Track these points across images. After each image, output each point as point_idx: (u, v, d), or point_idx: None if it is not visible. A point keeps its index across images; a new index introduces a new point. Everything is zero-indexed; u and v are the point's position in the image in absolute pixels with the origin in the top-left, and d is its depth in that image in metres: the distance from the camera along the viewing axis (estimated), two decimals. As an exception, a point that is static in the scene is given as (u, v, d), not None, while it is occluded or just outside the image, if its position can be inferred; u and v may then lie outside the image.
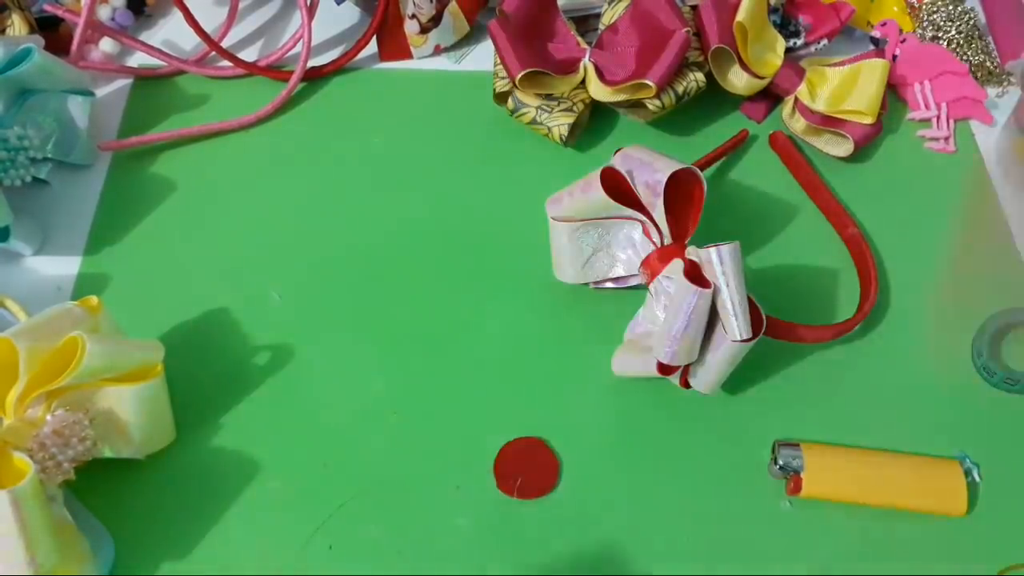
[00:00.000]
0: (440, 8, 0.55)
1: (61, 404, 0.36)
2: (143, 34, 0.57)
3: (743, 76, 0.52)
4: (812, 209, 0.51)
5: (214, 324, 0.45)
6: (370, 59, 0.57)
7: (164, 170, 0.51)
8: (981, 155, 0.55)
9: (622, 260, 0.45)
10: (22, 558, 0.32)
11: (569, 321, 0.46)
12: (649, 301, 0.42)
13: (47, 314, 0.37)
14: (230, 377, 0.43)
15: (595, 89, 0.50)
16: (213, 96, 0.55)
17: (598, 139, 0.54)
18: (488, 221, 0.50)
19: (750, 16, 0.50)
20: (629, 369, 0.42)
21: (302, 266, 0.47)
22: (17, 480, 0.32)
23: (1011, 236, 0.51)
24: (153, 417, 0.39)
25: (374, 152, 0.53)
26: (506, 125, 0.53)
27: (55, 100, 0.49)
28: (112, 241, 0.48)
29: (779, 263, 0.49)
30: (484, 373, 0.44)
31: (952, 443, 0.43)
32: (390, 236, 0.49)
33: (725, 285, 0.38)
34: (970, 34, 0.59)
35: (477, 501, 0.40)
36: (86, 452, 0.36)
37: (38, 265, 0.47)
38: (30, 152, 0.46)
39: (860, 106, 0.50)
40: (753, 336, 0.38)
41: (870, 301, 0.46)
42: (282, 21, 0.59)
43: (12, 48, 0.46)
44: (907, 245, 0.50)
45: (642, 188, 0.41)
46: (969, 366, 0.46)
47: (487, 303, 0.47)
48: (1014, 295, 0.48)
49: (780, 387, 0.45)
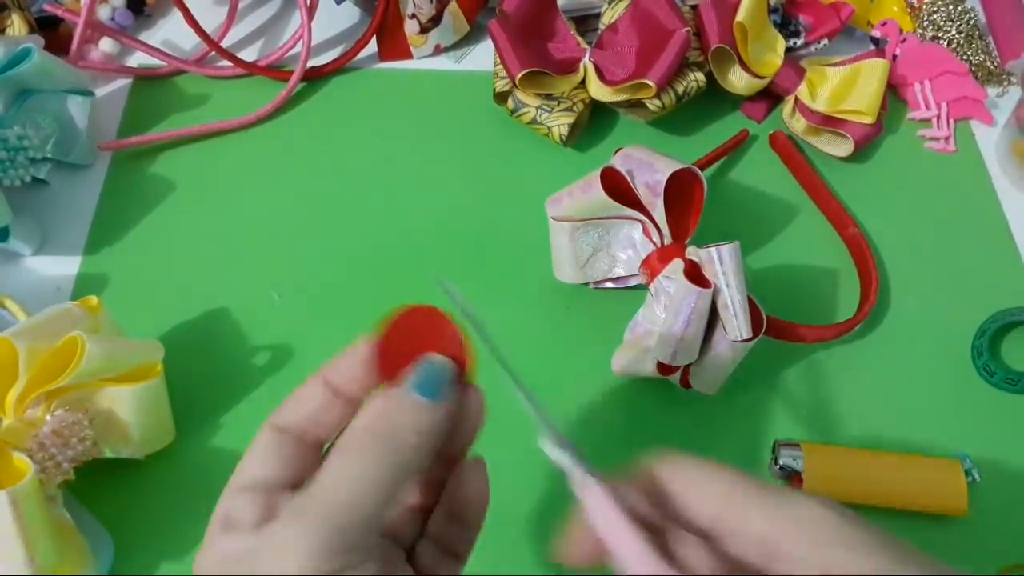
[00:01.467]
0: (440, 8, 0.55)
1: (61, 404, 0.36)
2: (143, 34, 0.57)
3: (743, 76, 0.52)
4: (812, 209, 0.51)
5: (214, 324, 0.45)
6: (370, 59, 0.57)
7: (164, 170, 0.51)
8: (981, 155, 0.55)
9: (622, 260, 0.45)
10: (21, 558, 0.32)
11: (569, 321, 0.46)
12: (649, 301, 0.42)
13: (47, 314, 0.37)
14: (230, 377, 0.43)
15: (595, 89, 0.50)
16: (213, 96, 0.55)
17: (598, 139, 0.54)
18: (488, 221, 0.50)
19: (750, 16, 0.50)
20: (629, 369, 0.42)
21: (302, 266, 0.47)
22: (17, 480, 0.32)
23: (1011, 236, 0.51)
24: (153, 417, 0.39)
25: (374, 152, 0.53)
26: (506, 125, 0.53)
27: (55, 100, 0.49)
28: (112, 241, 0.48)
29: (779, 263, 0.49)
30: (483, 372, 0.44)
31: (952, 443, 0.43)
32: (390, 236, 0.49)
33: (725, 285, 0.38)
34: (970, 34, 0.59)
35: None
36: (86, 452, 0.36)
37: (38, 265, 0.47)
38: (30, 152, 0.46)
39: (860, 106, 0.50)
40: (753, 336, 0.38)
41: (870, 301, 0.46)
42: (282, 21, 0.59)
43: (12, 48, 0.46)
44: (907, 245, 0.50)
45: (642, 188, 0.41)
46: (969, 366, 0.46)
47: (487, 303, 0.47)
48: (1014, 295, 0.48)
49: (780, 387, 0.45)
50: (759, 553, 0.23)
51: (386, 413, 0.24)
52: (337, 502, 0.22)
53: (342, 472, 0.22)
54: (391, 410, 0.24)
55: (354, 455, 0.23)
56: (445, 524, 0.27)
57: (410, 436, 0.23)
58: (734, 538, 0.23)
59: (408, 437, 0.23)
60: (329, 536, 0.21)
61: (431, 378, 0.25)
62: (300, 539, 0.21)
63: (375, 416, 0.24)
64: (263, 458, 0.24)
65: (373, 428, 0.23)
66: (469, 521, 0.27)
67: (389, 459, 0.23)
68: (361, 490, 0.22)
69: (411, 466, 0.23)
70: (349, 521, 0.21)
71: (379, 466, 0.22)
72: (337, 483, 0.22)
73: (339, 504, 0.22)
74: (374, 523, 0.22)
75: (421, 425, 0.24)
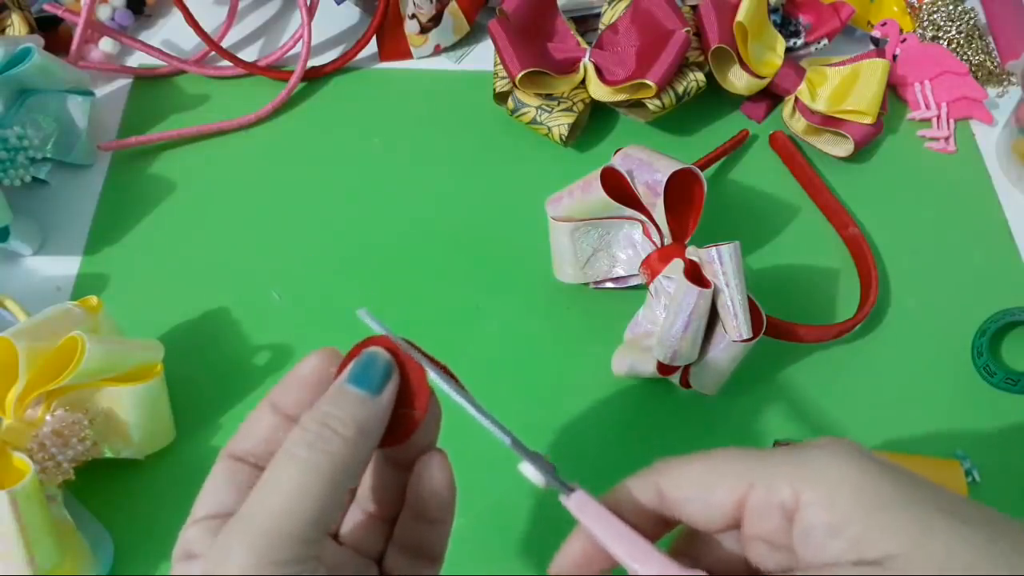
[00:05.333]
0: (440, 8, 0.55)
1: (61, 404, 0.36)
2: (143, 34, 0.57)
3: (743, 76, 0.52)
4: (812, 209, 0.51)
5: (214, 324, 0.45)
6: (370, 59, 0.57)
7: (164, 170, 0.51)
8: (981, 155, 0.55)
9: (622, 260, 0.45)
10: (21, 558, 0.32)
11: (569, 321, 0.46)
12: (649, 301, 0.42)
13: (47, 314, 0.37)
14: (230, 377, 0.43)
15: (595, 89, 0.50)
16: (213, 96, 0.55)
17: (598, 139, 0.54)
18: (488, 221, 0.50)
19: (750, 16, 0.50)
20: (629, 369, 0.42)
21: (302, 266, 0.47)
22: (17, 480, 0.32)
23: (1011, 236, 0.51)
24: (153, 417, 0.38)
25: (374, 152, 0.53)
26: (506, 125, 0.53)
27: (55, 100, 0.49)
28: (112, 241, 0.48)
29: (779, 263, 0.49)
30: (484, 373, 0.44)
31: (952, 443, 0.43)
32: (390, 236, 0.49)
33: (725, 285, 0.38)
34: (970, 34, 0.59)
35: (477, 501, 0.40)
36: (86, 452, 0.36)
37: (38, 265, 0.47)
38: (30, 152, 0.46)
39: (860, 106, 0.50)
40: (753, 336, 0.38)
41: (870, 301, 0.46)
42: (282, 21, 0.59)
43: (12, 48, 0.46)
44: (907, 245, 0.50)
45: (642, 188, 0.41)
46: (969, 366, 0.46)
47: (487, 303, 0.47)
48: (1014, 295, 0.48)
49: (780, 387, 0.45)
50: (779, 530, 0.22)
51: (321, 407, 0.23)
52: (270, 512, 0.21)
53: (273, 479, 0.22)
54: (326, 403, 0.23)
55: (287, 458, 0.22)
56: (412, 526, 0.27)
57: (345, 430, 0.22)
58: (753, 524, 0.23)
59: (343, 431, 0.22)
60: (266, 546, 0.20)
61: (368, 370, 0.24)
62: (237, 555, 0.20)
63: (309, 414, 0.23)
64: (219, 488, 0.24)
65: (307, 426, 0.23)
66: (434, 517, 0.26)
67: (322, 458, 0.22)
68: (295, 495, 0.21)
69: (349, 462, 0.22)
70: (286, 529, 0.21)
71: (312, 468, 0.22)
72: (270, 493, 0.21)
73: (272, 513, 0.21)
74: (316, 527, 0.21)
75: (356, 418, 0.23)
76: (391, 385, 0.24)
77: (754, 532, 0.23)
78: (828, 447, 0.23)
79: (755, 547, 0.24)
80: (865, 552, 0.21)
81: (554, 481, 0.24)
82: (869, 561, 0.21)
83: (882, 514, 0.21)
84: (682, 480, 0.24)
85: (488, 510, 0.40)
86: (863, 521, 0.21)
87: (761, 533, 0.23)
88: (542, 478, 0.24)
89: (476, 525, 0.40)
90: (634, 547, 0.23)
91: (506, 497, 0.40)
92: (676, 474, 0.24)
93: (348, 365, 0.24)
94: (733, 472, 0.23)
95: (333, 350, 0.25)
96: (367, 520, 0.27)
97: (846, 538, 0.21)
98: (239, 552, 0.21)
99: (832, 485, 0.22)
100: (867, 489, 0.21)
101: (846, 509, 0.21)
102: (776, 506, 0.22)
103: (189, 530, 0.23)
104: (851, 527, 0.21)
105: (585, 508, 0.24)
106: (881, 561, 0.20)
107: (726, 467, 0.24)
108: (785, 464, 0.23)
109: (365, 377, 0.24)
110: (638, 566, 0.23)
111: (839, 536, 0.21)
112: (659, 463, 0.25)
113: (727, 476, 0.23)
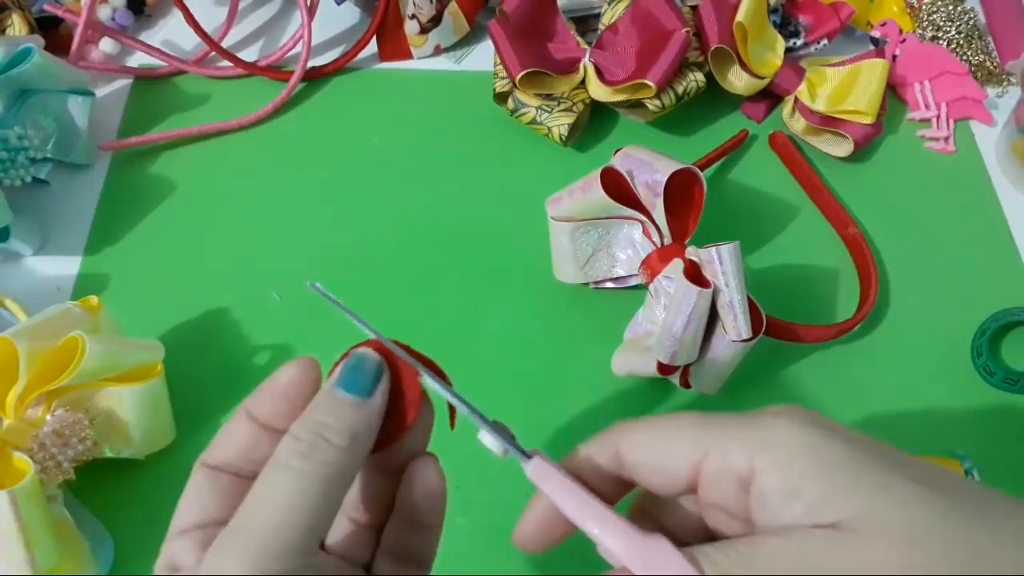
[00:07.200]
0: (440, 8, 0.55)
1: (61, 404, 0.36)
2: (143, 34, 0.57)
3: (743, 76, 0.52)
4: (812, 209, 0.51)
5: (214, 324, 0.45)
6: (370, 59, 0.57)
7: (164, 170, 0.51)
8: (981, 155, 0.55)
9: (622, 260, 0.45)
10: (21, 558, 0.32)
11: (569, 321, 0.46)
12: (649, 301, 0.42)
13: (47, 314, 0.37)
14: (230, 377, 0.43)
15: (595, 89, 0.50)
16: (213, 96, 0.55)
17: (598, 139, 0.54)
18: (488, 221, 0.50)
19: (750, 16, 0.50)
20: (629, 369, 0.42)
21: (302, 266, 0.47)
22: (17, 480, 0.32)
23: (1011, 236, 0.51)
24: (153, 417, 0.39)
25: (374, 152, 0.53)
26: (506, 125, 0.53)
27: (55, 100, 0.49)
28: (112, 241, 0.48)
29: (779, 263, 0.49)
30: (484, 373, 0.44)
31: (952, 443, 0.43)
32: (390, 236, 0.49)
33: (725, 285, 0.38)
34: (970, 34, 0.59)
35: (477, 501, 0.40)
36: (86, 452, 0.36)
37: (38, 265, 0.47)
38: (30, 152, 0.46)
39: (860, 106, 0.50)
40: (753, 336, 0.38)
41: (870, 301, 0.46)
42: (282, 21, 0.59)
43: (12, 48, 0.46)
44: (907, 245, 0.50)
45: (642, 188, 0.41)
46: (969, 366, 0.46)
47: (487, 303, 0.47)
48: (1014, 295, 0.48)
49: (780, 387, 0.45)
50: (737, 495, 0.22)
51: (312, 416, 0.22)
52: (263, 526, 0.21)
53: (266, 490, 0.21)
54: (317, 411, 0.22)
55: (279, 469, 0.21)
56: (400, 531, 0.26)
57: (338, 439, 0.22)
58: (708, 488, 0.23)
59: (337, 440, 0.22)
60: (262, 558, 0.20)
61: (357, 373, 0.23)
62: (232, 568, 0.20)
63: (299, 423, 0.22)
64: (202, 498, 0.23)
65: (299, 435, 0.22)
66: (422, 522, 0.26)
67: (316, 468, 0.21)
68: (290, 506, 0.21)
69: (342, 471, 0.22)
70: (282, 540, 0.20)
71: (306, 478, 0.21)
72: (263, 504, 0.21)
73: (267, 525, 0.21)
74: (311, 537, 0.21)
75: (349, 425, 0.22)
76: (382, 387, 0.24)
77: (710, 500, 0.23)
78: (783, 414, 0.22)
79: (713, 514, 0.24)
80: (822, 515, 0.20)
81: (512, 448, 0.24)
82: (826, 524, 0.20)
83: (837, 477, 0.21)
84: (639, 445, 0.24)
85: (488, 510, 0.40)
86: (818, 485, 0.21)
87: (717, 501, 0.23)
88: (500, 445, 0.24)
89: (476, 525, 0.40)
90: (591, 511, 0.23)
91: (506, 497, 0.40)
92: (634, 438, 0.24)
93: (337, 369, 0.24)
94: (689, 438, 0.23)
95: (311, 359, 0.24)
96: (354, 528, 0.26)
97: (802, 502, 0.21)
98: (234, 565, 0.20)
99: (786, 450, 0.21)
100: (822, 453, 0.21)
101: (801, 473, 0.21)
102: (731, 474, 0.22)
103: (175, 542, 0.23)
104: (807, 491, 0.21)
105: (542, 472, 0.23)
106: (838, 524, 0.20)
107: (682, 433, 0.23)
108: (740, 431, 0.22)
109: (355, 380, 0.23)
110: (597, 530, 0.22)
111: (795, 500, 0.21)
112: (618, 425, 0.25)
113: (683, 443, 0.23)
